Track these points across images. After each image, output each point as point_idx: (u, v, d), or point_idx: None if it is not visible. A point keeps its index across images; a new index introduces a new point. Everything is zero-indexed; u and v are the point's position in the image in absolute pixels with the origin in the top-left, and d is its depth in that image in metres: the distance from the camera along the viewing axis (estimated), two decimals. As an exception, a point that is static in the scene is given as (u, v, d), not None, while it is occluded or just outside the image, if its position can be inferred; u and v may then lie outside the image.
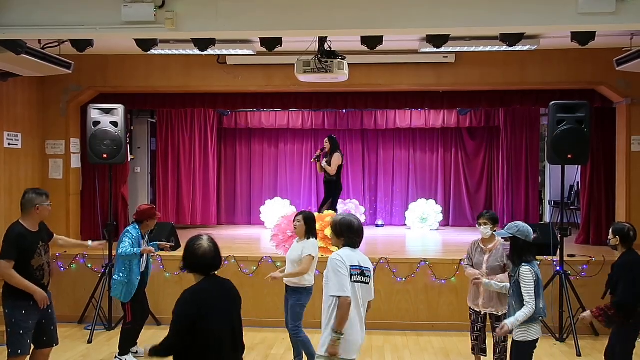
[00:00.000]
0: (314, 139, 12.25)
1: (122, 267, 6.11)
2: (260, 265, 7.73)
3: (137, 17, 5.29)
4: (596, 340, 6.80)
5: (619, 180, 8.81)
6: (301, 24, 5.32)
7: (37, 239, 4.98)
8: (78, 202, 9.43)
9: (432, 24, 5.33)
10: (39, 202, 4.97)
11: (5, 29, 5.51)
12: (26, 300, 4.89)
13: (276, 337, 7.17)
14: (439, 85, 8.83)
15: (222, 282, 3.51)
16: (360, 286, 4.00)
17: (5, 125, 8.33)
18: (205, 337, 3.25)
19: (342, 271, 3.90)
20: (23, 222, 4.96)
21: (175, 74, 8.81)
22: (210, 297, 3.34)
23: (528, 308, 4.43)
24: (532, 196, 11.55)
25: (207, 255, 3.39)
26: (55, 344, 5.25)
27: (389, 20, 5.27)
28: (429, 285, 7.60)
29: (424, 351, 6.79)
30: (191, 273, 3.46)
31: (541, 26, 5.34)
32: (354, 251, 4.10)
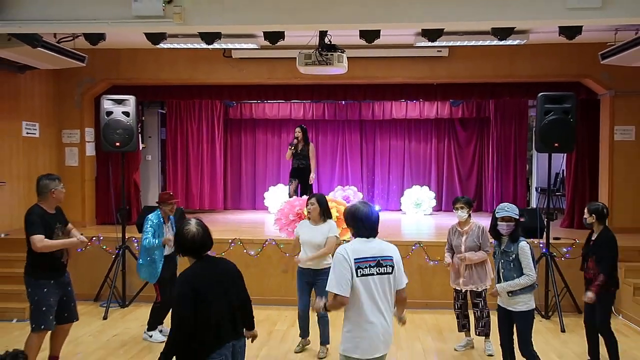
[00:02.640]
0: (315, 128, 12.20)
1: (144, 252, 6.08)
2: (264, 247, 7.71)
3: (147, 12, 5.23)
4: (579, 317, 6.77)
5: (602, 167, 8.78)
6: (302, 18, 5.25)
7: (54, 220, 4.99)
8: (93, 187, 9.41)
9: (427, 18, 5.25)
10: (54, 186, 4.96)
11: (22, 23, 5.44)
12: (47, 279, 4.91)
13: (280, 314, 7.16)
14: (433, 78, 8.78)
15: (216, 262, 3.48)
16: (377, 278, 3.51)
17: (23, 116, 8.31)
18: (203, 314, 3.21)
19: (341, 267, 3.47)
20: (41, 205, 4.97)
21: (184, 67, 8.76)
22: (204, 277, 3.31)
23: (528, 278, 4.49)
24: (520, 183, 11.54)
25: (196, 238, 3.37)
26: (75, 320, 5.27)
27: (386, 14, 5.19)
28: (423, 266, 7.58)
29: (418, 328, 6.78)
30: (185, 256, 3.44)
31: (531, 20, 5.27)
32: (367, 241, 3.61)
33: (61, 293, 5.04)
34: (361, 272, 3.49)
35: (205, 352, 3.20)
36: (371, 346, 3.51)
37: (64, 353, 5.52)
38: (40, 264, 4.88)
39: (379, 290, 3.53)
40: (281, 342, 6.24)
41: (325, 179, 12.13)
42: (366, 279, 3.50)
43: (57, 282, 4.98)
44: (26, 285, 4.94)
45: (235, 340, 3.36)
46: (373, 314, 3.50)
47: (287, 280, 7.56)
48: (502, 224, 4.58)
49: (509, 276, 4.57)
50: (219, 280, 3.36)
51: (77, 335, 6.35)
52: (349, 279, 3.47)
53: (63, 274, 5.08)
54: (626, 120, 8.49)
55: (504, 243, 4.64)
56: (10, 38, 6.10)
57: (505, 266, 4.60)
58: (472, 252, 5.67)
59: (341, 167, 12.17)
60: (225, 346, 3.27)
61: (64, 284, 5.09)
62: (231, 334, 3.33)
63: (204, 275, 3.32)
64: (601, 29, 6.86)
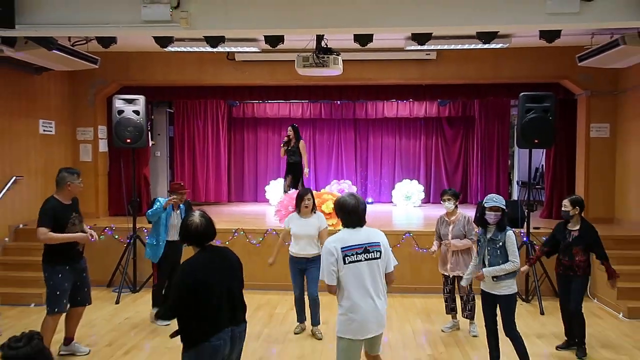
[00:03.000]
0: (313, 127, 12.18)
1: (152, 232, 6.11)
2: (265, 236, 7.70)
3: (155, 17, 5.18)
4: (557, 301, 6.79)
5: (579, 162, 8.79)
6: (300, 23, 5.21)
7: (70, 211, 4.96)
8: (105, 182, 9.38)
9: (417, 23, 5.22)
10: (70, 180, 4.93)
11: (38, 26, 5.39)
12: (63, 265, 4.90)
13: (279, 299, 7.15)
14: (422, 79, 8.76)
15: (218, 251, 3.45)
16: (365, 264, 3.53)
17: (40, 114, 8.27)
18: (203, 301, 3.19)
19: (327, 259, 3.52)
20: (57, 196, 4.95)
21: (190, 69, 8.71)
22: (206, 265, 3.29)
23: (513, 264, 4.49)
24: (502, 177, 11.53)
25: (199, 228, 3.34)
26: (88, 304, 5.26)
27: (379, 20, 5.16)
28: (413, 254, 7.58)
29: (408, 310, 6.78)
30: (189, 246, 3.43)
31: (513, 25, 5.24)
32: (353, 231, 3.63)
33: (75, 278, 5.03)
34: (349, 260, 3.53)
35: (205, 334, 3.18)
36: (362, 328, 3.54)
37: (79, 335, 5.52)
38: (57, 251, 4.87)
39: (368, 275, 3.56)
40: (281, 324, 6.24)
41: (321, 173, 12.12)
42: (355, 265, 3.53)
43: (72, 268, 4.97)
44: (43, 271, 4.94)
45: (234, 326, 3.33)
46: (362, 298, 3.53)
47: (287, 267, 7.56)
48: (490, 213, 4.55)
49: (494, 262, 4.56)
50: (220, 269, 3.33)
51: (91, 319, 6.34)
52: (334, 269, 3.53)
53: (78, 261, 5.07)
54: (601, 118, 8.49)
55: (490, 231, 4.61)
56: (27, 41, 6.05)
57: (492, 253, 4.58)
58: (457, 240, 5.70)
59: (337, 162, 12.15)
60: (224, 331, 3.24)
61: (80, 270, 5.08)
62: (230, 320, 3.30)
63: (205, 264, 3.30)
64: (578, 34, 6.84)
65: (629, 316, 6.41)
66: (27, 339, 1.92)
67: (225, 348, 3.24)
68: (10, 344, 1.91)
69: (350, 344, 3.56)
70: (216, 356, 3.21)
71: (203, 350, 3.17)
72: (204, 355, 3.18)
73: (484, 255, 4.65)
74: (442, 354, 5.31)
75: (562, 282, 5.39)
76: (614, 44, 6.33)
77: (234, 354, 3.36)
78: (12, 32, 5.44)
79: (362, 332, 3.55)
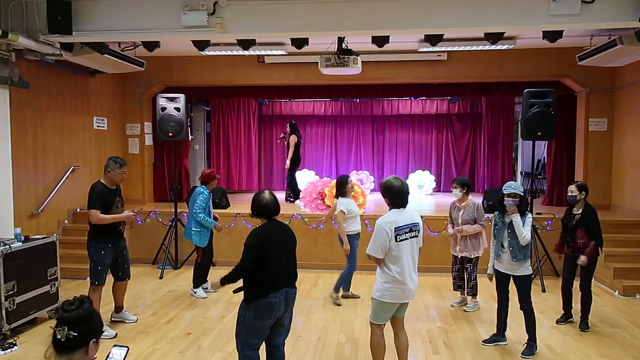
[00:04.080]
0: (334, 123, 12.13)
1: (197, 223, 6.06)
2: (291, 220, 7.70)
3: (194, 22, 5.20)
4: (557, 279, 6.65)
5: (578, 154, 8.57)
6: (322, 26, 5.15)
7: (114, 195, 4.99)
8: (151, 171, 9.48)
9: (428, 25, 5.11)
10: (112, 168, 4.95)
11: (92, 33, 5.46)
12: (106, 243, 4.93)
13: (303, 276, 7.13)
14: (433, 78, 8.62)
15: (280, 225, 3.56)
16: (409, 242, 3.66)
17: (94, 112, 8.38)
18: (266, 263, 3.32)
19: (383, 236, 3.59)
20: (103, 181, 4.96)
21: (224, 71, 8.72)
22: (272, 234, 3.42)
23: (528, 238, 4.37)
24: (507, 168, 11.33)
25: (269, 204, 3.49)
26: (128, 279, 5.26)
27: (393, 22, 5.08)
28: (424, 236, 7.43)
29: (420, 287, 6.59)
30: (257, 218, 3.53)
31: (519, 26, 5.09)
32: (400, 212, 3.69)
33: (117, 255, 5.05)
34: (400, 238, 3.65)
35: (264, 291, 3.31)
36: (403, 294, 3.71)
37: (129, 305, 5.63)
38: (103, 231, 4.90)
39: (410, 251, 3.71)
40: (306, 298, 6.25)
41: (342, 164, 12.07)
42: (404, 242, 3.66)
43: (114, 246, 4.99)
44: (88, 248, 4.95)
45: (288, 288, 3.42)
46: (407, 270, 3.67)
47: (311, 247, 7.58)
48: (509, 199, 4.42)
49: (514, 244, 4.43)
50: (282, 239, 3.46)
51: (139, 291, 6.45)
52: (386, 246, 3.62)
53: (119, 240, 5.07)
54: (599, 114, 8.25)
55: (508, 216, 4.48)
56: (82, 46, 6.14)
57: (512, 235, 4.44)
58: (469, 225, 5.59)
59: (356, 154, 12.08)
60: (280, 291, 3.35)
61: (120, 248, 5.10)
62: (285, 282, 3.41)
63: (271, 232, 3.43)
64: (578, 35, 6.64)
65: (624, 294, 6.27)
66: (79, 302, 1.95)
67: (280, 306, 3.36)
68: (64, 306, 1.94)
69: (390, 307, 3.74)
70: (272, 312, 3.33)
71: (261, 305, 3.30)
72: (261, 310, 3.31)
73: (504, 238, 4.51)
74: (451, 326, 5.26)
75: (569, 262, 5.22)
76: (612, 44, 6.13)
77: (287, 313, 3.49)
78: (70, 38, 5.54)
79: (403, 298, 3.72)
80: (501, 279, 4.63)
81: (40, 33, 5.44)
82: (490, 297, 6.13)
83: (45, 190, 7.21)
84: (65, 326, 1.88)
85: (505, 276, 4.58)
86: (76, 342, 1.90)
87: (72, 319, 1.89)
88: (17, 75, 5.82)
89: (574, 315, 5.31)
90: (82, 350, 1.93)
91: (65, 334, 1.86)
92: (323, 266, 7.49)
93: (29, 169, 6.86)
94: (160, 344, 4.74)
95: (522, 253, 4.44)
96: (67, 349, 1.89)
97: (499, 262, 4.58)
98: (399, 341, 3.90)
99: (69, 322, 1.89)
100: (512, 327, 4.83)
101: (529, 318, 4.51)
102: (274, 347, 3.54)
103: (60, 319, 1.91)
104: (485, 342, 4.78)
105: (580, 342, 4.84)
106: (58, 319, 1.92)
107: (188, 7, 5.19)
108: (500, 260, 4.57)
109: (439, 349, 4.65)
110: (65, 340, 1.87)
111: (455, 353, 4.56)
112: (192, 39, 5.80)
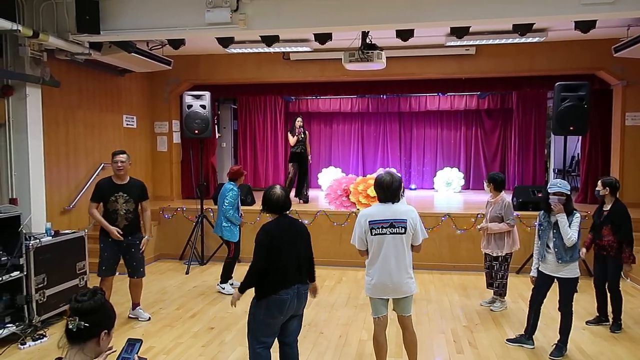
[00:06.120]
0: (361, 120, 12.03)
1: (226, 219, 6.14)
2: (316, 217, 7.68)
3: (217, 19, 5.21)
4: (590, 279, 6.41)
5: (614, 149, 8.24)
6: (346, 20, 5.10)
7: (116, 190, 4.98)
8: (179, 169, 9.60)
9: (454, 17, 4.98)
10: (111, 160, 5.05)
11: (118, 32, 5.56)
12: (105, 237, 5.02)
13: (328, 273, 7.14)
14: (461, 73, 8.43)
15: (291, 220, 3.52)
16: (393, 237, 3.56)
17: (124, 110, 8.55)
18: (276, 259, 3.27)
19: (356, 227, 3.66)
20: (112, 176, 5.06)
21: (250, 68, 8.75)
22: (281, 230, 3.37)
23: (574, 239, 4.15)
24: (539, 165, 11.00)
25: (280, 199, 3.43)
26: (137, 277, 5.19)
27: (416, 15, 4.98)
28: (451, 234, 7.36)
29: (446, 286, 6.60)
30: (268, 213, 3.49)
31: (548, 16, 4.91)
32: (383, 206, 3.64)
33: (122, 252, 5.07)
34: (375, 232, 3.61)
35: (275, 288, 3.26)
36: (378, 290, 3.66)
37: (155, 299, 5.74)
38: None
39: (392, 247, 3.60)
40: (329, 294, 6.22)
41: (369, 161, 11.96)
42: (381, 237, 3.60)
43: (114, 241, 4.99)
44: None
45: (300, 284, 3.38)
46: (382, 266, 3.60)
47: (335, 245, 7.54)
48: (554, 198, 4.22)
49: (559, 244, 4.21)
50: (292, 234, 3.41)
51: (165, 286, 6.54)
52: (363, 238, 3.66)
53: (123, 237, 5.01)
54: (636, 107, 7.89)
55: (554, 216, 4.26)
56: (110, 45, 6.25)
57: (557, 235, 4.23)
58: (495, 224, 5.43)
59: (383, 151, 11.95)
60: (291, 287, 3.31)
61: (126, 246, 5.05)
62: (297, 278, 3.36)
63: (281, 228, 3.38)
64: (614, 25, 6.38)
65: (662, 296, 5.99)
66: (91, 293, 1.97)
67: (292, 303, 3.31)
68: (77, 297, 1.96)
69: (374, 300, 3.73)
70: (283, 309, 3.28)
71: (273, 302, 3.26)
72: (273, 306, 3.26)
73: (549, 238, 4.31)
74: (477, 326, 5.13)
75: (598, 261, 5.07)
76: (650, 34, 5.86)
77: (299, 309, 3.43)
78: (98, 37, 5.65)
79: (384, 293, 3.67)
80: (543, 281, 4.38)
81: (69, 33, 5.58)
82: (519, 297, 5.97)
83: (77, 187, 7.38)
84: (76, 317, 1.90)
85: (549, 278, 4.34)
86: (88, 333, 1.91)
87: (84, 310, 1.91)
88: (48, 74, 5.98)
89: (609, 318, 5.09)
90: (93, 341, 1.95)
91: (77, 324, 1.88)
92: (347, 263, 7.43)
93: (61, 167, 7.05)
94: (183, 338, 4.78)
95: (568, 255, 4.19)
96: (79, 339, 1.91)
97: (544, 263, 4.35)
98: (405, 341, 3.83)
99: (81, 312, 1.91)
100: (541, 328, 4.66)
101: (566, 321, 4.32)
102: (287, 344, 3.48)
103: (73, 309, 1.93)
104: (510, 340, 4.64)
105: (613, 344, 4.64)
106: (70, 309, 1.94)
107: (212, 5, 5.20)
108: (545, 262, 4.33)
109: (464, 349, 4.54)
110: (76, 331, 1.89)
111: (480, 353, 4.44)
112: (216, 36, 5.83)
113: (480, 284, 6.07)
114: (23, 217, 4.82)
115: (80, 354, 1.94)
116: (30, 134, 5.77)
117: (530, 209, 7.43)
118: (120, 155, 5.05)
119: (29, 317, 4.82)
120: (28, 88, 5.71)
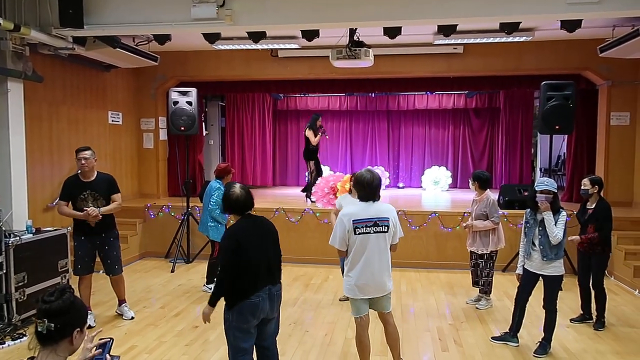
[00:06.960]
0: (349, 118, 12.01)
1: (211, 218, 6.00)
2: (303, 215, 7.64)
3: (203, 15, 5.15)
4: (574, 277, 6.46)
5: (599, 149, 8.29)
6: (333, 17, 5.06)
7: (84, 188, 4.85)
8: (165, 166, 9.47)
9: (441, 15, 4.97)
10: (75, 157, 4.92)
11: (103, 27, 5.46)
12: (78, 235, 4.93)
13: (315, 271, 7.10)
14: (449, 72, 8.43)
15: (256, 219, 3.36)
16: (373, 236, 3.53)
17: (109, 106, 8.42)
18: (244, 263, 3.14)
19: (341, 228, 3.54)
20: (78, 174, 4.92)
21: (238, 65, 8.66)
22: (246, 232, 3.23)
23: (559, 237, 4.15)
24: (526, 164, 11.06)
25: (240, 198, 3.28)
26: (112, 274, 5.11)
27: (405, 13, 4.96)
28: (438, 233, 7.37)
29: (433, 284, 6.60)
30: (230, 215, 3.38)
31: (534, 15, 4.90)
32: (366, 205, 3.58)
33: (96, 250, 4.98)
34: (359, 231, 3.55)
35: (245, 293, 3.14)
36: (360, 289, 3.61)
37: (139, 297, 5.66)
38: (74, 223, 4.94)
39: (375, 245, 3.56)
40: (316, 293, 6.19)
41: (357, 160, 11.95)
42: (365, 236, 3.55)
43: (87, 239, 4.90)
44: None
45: (271, 285, 3.27)
46: (365, 265, 3.55)
47: (322, 243, 7.48)
48: (542, 196, 4.21)
49: (545, 242, 4.21)
50: (258, 234, 3.28)
51: (150, 284, 6.47)
52: (345, 237, 3.57)
53: (92, 234, 4.90)
54: (621, 107, 7.96)
55: (541, 214, 4.25)
56: (95, 40, 6.14)
57: (543, 233, 4.23)
58: (480, 221, 5.44)
59: (371, 150, 11.95)
60: (262, 289, 3.19)
61: (99, 244, 4.96)
62: (267, 279, 3.24)
63: (245, 229, 3.24)
64: (599, 26, 6.40)
65: (645, 293, 6.04)
66: (59, 292, 1.88)
67: (264, 304, 3.20)
68: (44, 297, 1.87)
69: (355, 300, 3.67)
70: (256, 312, 3.17)
71: (245, 307, 3.14)
72: (246, 311, 3.15)
73: (535, 236, 4.31)
74: (462, 324, 5.12)
75: (582, 258, 5.10)
76: (635, 34, 5.89)
77: (273, 311, 3.32)
78: (81, 31, 5.54)
79: (366, 293, 3.63)
80: (529, 279, 4.39)
81: (52, 27, 5.46)
82: (505, 295, 5.98)
83: (60, 183, 7.16)
84: (45, 318, 1.82)
85: (534, 276, 4.35)
86: (59, 333, 1.84)
87: (52, 311, 1.83)
88: (30, 69, 5.85)
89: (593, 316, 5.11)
90: (66, 341, 1.88)
91: (46, 326, 1.80)
92: (334, 262, 7.37)
93: (44, 163, 6.92)
94: (166, 337, 4.72)
95: (553, 252, 4.20)
96: (50, 340, 1.84)
97: (530, 261, 4.35)
98: (387, 336, 3.81)
99: (49, 313, 1.83)
100: (525, 326, 4.67)
101: (550, 319, 4.34)
102: (265, 348, 3.38)
103: (40, 310, 1.84)
104: (494, 339, 4.64)
105: (596, 341, 4.66)
106: (38, 311, 1.86)
107: (198, 0, 5.14)
108: (531, 259, 4.33)
109: (449, 347, 4.53)
110: (47, 333, 1.82)
111: (465, 351, 4.43)
112: (202, 32, 5.75)
113: (466, 282, 6.07)
114: (3, 214, 4.72)
115: (52, 354, 1.87)
116: (12, 129, 5.64)
117: (517, 207, 7.45)
118: (83, 152, 4.84)
119: (8, 316, 4.73)
120: (10, 83, 5.58)
